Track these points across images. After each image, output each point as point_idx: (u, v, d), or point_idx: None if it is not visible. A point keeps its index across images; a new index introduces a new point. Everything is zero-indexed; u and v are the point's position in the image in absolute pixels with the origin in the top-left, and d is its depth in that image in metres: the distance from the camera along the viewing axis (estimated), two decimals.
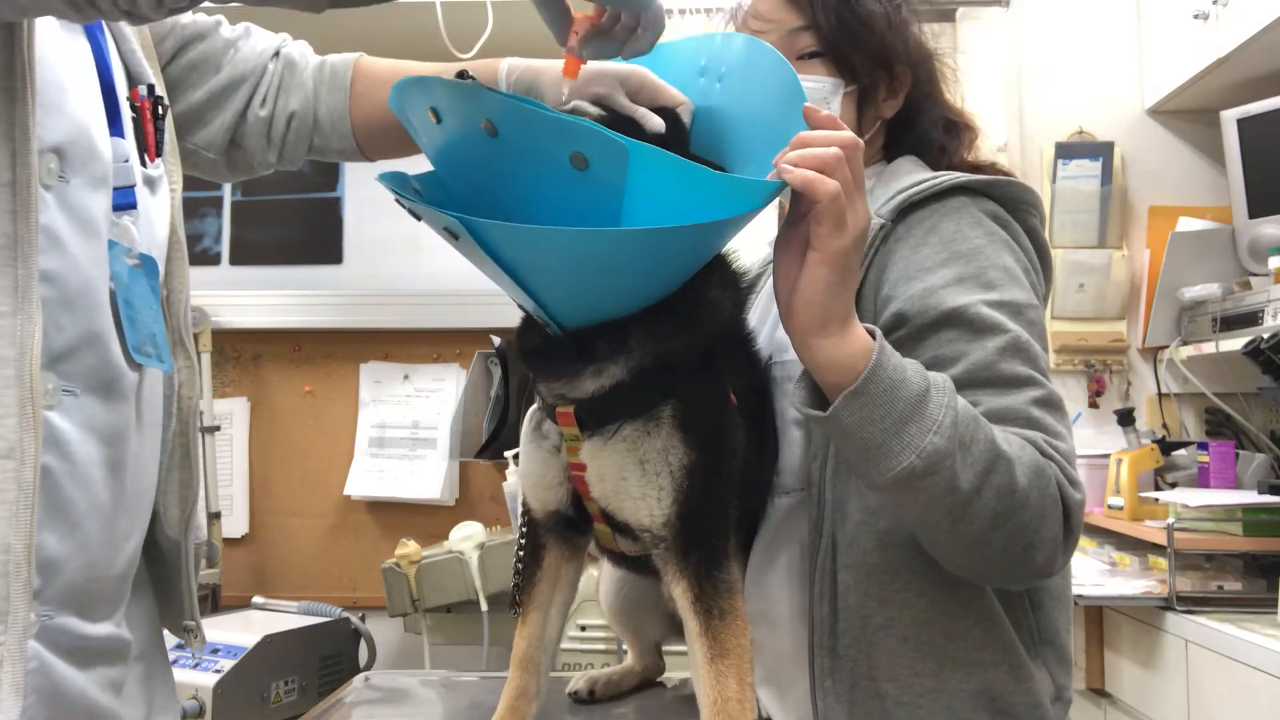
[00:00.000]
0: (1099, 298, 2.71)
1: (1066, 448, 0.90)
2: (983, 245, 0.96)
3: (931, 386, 0.83)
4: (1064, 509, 0.87)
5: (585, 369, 0.87)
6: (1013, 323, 0.93)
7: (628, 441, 0.88)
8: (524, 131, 0.77)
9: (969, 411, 0.84)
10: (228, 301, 2.91)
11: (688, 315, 0.87)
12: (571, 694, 1.18)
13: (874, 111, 1.09)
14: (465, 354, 2.90)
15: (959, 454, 0.82)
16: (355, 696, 1.28)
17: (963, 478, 0.82)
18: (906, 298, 0.95)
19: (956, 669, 0.94)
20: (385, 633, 2.71)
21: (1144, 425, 2.65)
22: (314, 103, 1.12)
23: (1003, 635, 0.95)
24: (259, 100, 1.10)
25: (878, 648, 0.95)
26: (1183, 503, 2.10)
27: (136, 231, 0.87)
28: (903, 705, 0.94)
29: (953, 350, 0.92)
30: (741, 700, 0.86)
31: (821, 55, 1.06)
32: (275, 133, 1.12)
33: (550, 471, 0.94)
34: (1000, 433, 0.86)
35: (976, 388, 0.90)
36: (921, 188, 0.99)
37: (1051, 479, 0.86)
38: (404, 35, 2.72)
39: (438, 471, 2.89)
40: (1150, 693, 2.09)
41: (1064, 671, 0.99)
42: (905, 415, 0.81)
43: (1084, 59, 2.78)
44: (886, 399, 0.82)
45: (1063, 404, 0.93)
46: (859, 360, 0.82)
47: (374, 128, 1.12)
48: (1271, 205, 2.41)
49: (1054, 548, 0.88)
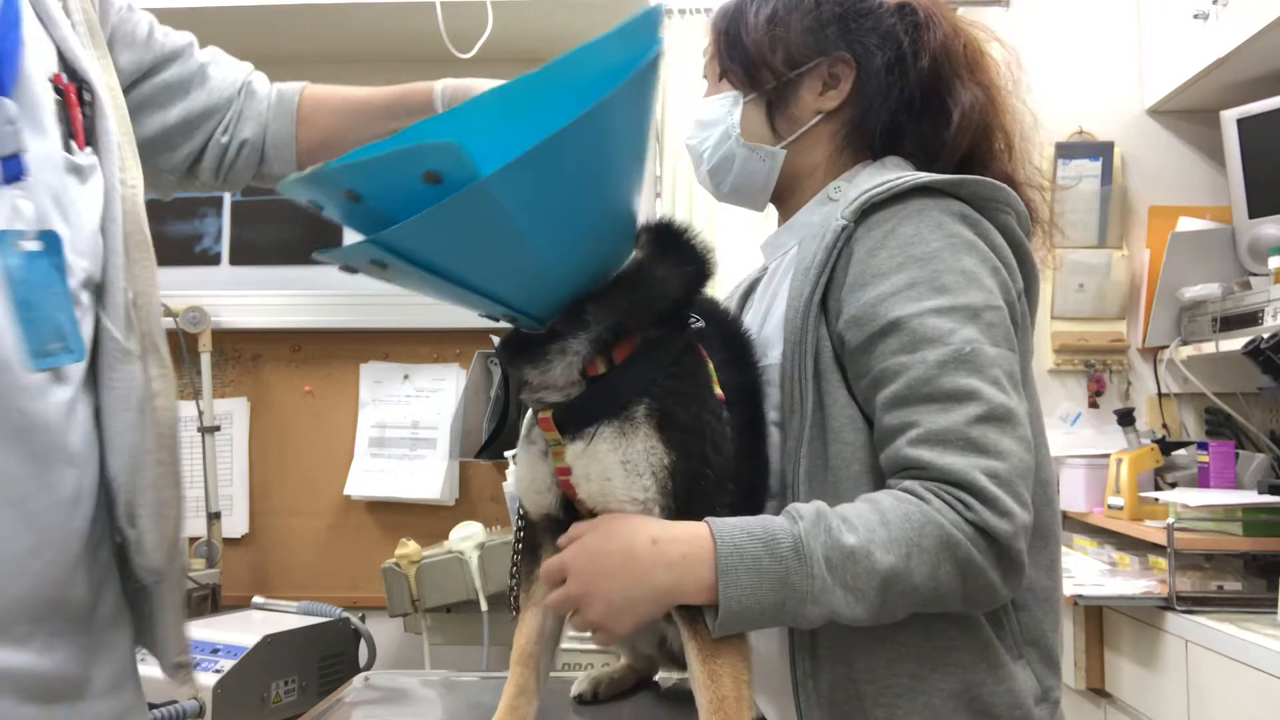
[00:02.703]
0: (1099, 298, 2.71)
1: (1006, 466, 0.88)
2: (939, 249, 0.95)
3: (790, 571, 0.86)
4: (992, 552, 0.87)
5: (551, 348, 0.89)
6: (965, 329, 0.91)
7: (607, 442, 0.89)
8: (371, 182, 0.76)
9: (840, 554, 0.86)
10: (228, 301, 2.91)
11: (634, 287, 0.90)
12: (576, 697, 1.18)
13: (796, 110, 1.09)
14: (465, 354, 2.90)
15: (844, 594, 0.86)
16: (355, 696, 1.28)
17: (859, 609, 0.87)
18: (859, 304, 0.95)
19: (934, 669, 0.94)
20: (385, 633, 2.71)
21: (1144, 425, 2.65)
22: (264, 131, 1.15)
23: (980, 634, 0.94)
24: (222, 128, 1.13)
25: (856, 648, 0.95)
26: (1183, 503, 2.10)
27: (33, 206, 0.79)
28: (881, 706, 0.94)
29: (894, 364, 0.92)
30: (738, 699, 0.86)
31: (724, 74, 1.13)
32: (227, 159, 1.14)
33: (540, 476, 0.95)
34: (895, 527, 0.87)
35: (917, 403, 0.90)
36: (883, 189, 0.98)
37: (961, 543, 0.86)
38: (404, 35, 2.73)
39: (438, 471, 2.89)
40: (1150, 693, 2.09)
41: (1050, 672, 0.99)
42: (777, 604, 0.86)
43: (1084, 59, 2.78)
44: (752, 611, 0.87)
45: (1011, 414, 0.90)
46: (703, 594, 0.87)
47: (317, 154, 1.14)
48: (1271, 205, 2.41)
49: (987, 592, 0.89)
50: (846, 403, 0.96)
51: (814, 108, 1.09)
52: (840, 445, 0.95)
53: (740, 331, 1.08)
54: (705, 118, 1.14)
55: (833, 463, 0.96)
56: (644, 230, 0.95)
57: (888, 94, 1.08)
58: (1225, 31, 2.31)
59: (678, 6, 2.86)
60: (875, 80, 1.08)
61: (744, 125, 1.11)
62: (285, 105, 1.16)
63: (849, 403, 0.96)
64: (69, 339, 0.80)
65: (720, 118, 1.12)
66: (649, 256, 0.92)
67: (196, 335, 2.84)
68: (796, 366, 0.98)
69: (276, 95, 1.17)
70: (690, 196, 2.75)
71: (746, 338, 1.08)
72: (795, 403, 0.97)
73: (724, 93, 1.13)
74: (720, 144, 1.12)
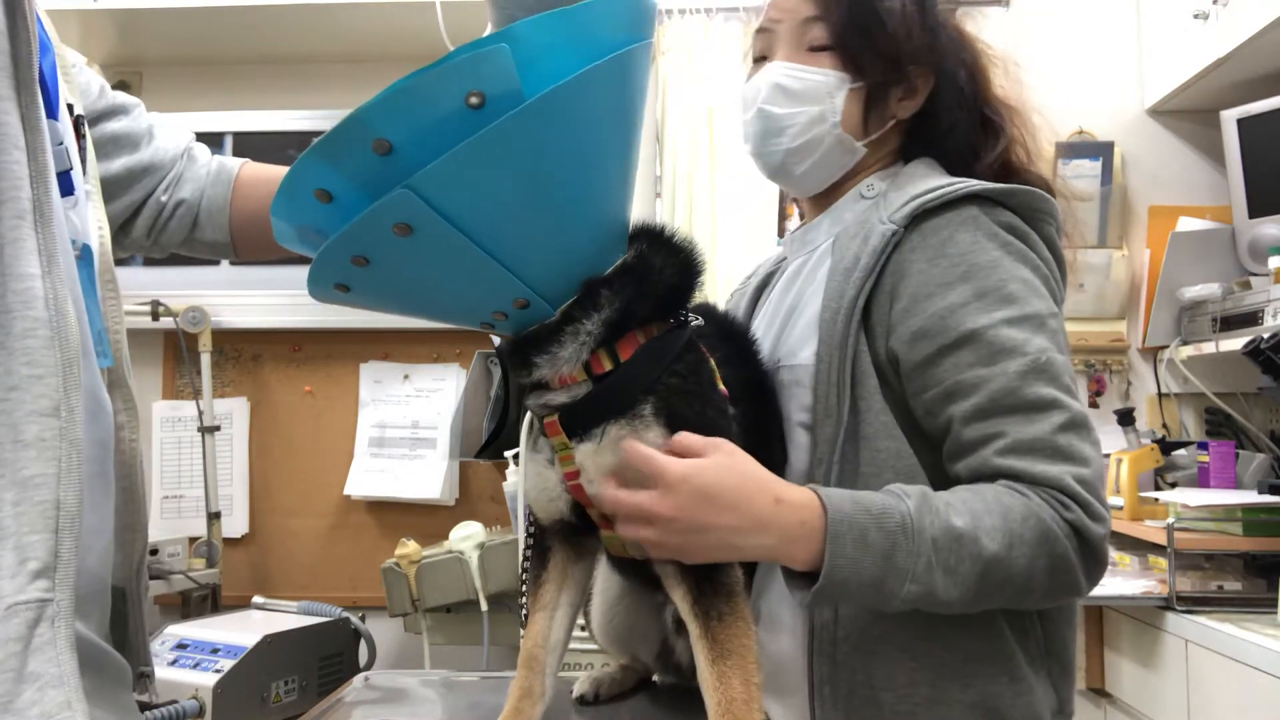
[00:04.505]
0: (1099, 297, 2.71)
1: (1092, 472, 0.90)
2: (1000, 258, 0.95)
3: (896, 547, 0.86)
4: (1081, 550, 0.89)
5: (565, 330, 0.87)
6: (1036, 338, 0.92)
7: (616, 442, 0.88)
8: (408, 120, 0.71)
9: (948, 535, 0.86)
10: (228, 301, 2.91)
11: (639, 274, 0.89)
12: (578, 698, 1.18)
13: (884, 111, 1.06)
14: (465, 354, 2.90)
15: (944, 576, 0.86)
16: (355, 696, 1.28)
17: (955, 593, 0.87)
18: (926, 315, 0.94)
19: (954, 680, 0.94)
20: (385, 633, 2.71)
21: (1144, 425, 2.65)
22: (201, 195, 1.16)
23: (1003, 647, 0.95)
24: (163, 188, 1.14)
25: (877, 657, 0.95)
26: (1183, 503, 2.10)
27: (76, 218, 0.85)
28: (899, 715, 0.94)
29: (972, 376, 0.92)
30: (748, 701, 0.86)
31: (830, 49, 1.04)
32: (161, 218, 1.15)
33: (549, 484, 0.94)
34: (998, 516, 0.87)
35: (1001, 415, 0.91)
36: (935, 195, 0.97)
37: (1059, 538, 0.88)
38: (404, 35, 2.73)
39: (438, 471, 2.89)
40: (1150, 693, 2.09)
41: (1067, 685, 0.99)
42: (877, 579, 0.86)
43: (1084, 59, 2.78)
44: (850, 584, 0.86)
45: (1088, 420, 0.92)
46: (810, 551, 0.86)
47: (249, 225, 1.16)
48: (1271, 205, 2.41)
49: (1069, 590, 0.91)
50: (882, 409, 0.96)
51: (892, 112, 1.07)
52: (873, 452, 0.96)
53: (739, 329, 1.08)
54: (796, 89, 1.05)
55: (864, 469, 0.95)
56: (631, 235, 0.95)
57: (955, 111, 1.08)
58: (1225, 31, 2.31)
59: (678, 7, 2.86)
60: (949, 96, 1.07)
61: (844, 113, 1.04)
62: (224, 175, 1.18)
63: (884, 409, 0.96)
64: (104, 344, 0.85)
65: (818, 96, 1.04)
66: (644, 249, 0.92)
67: (196, 335, 2.84)
68: (834, 370, 0.97)
69: (217, 165, 1.19)
70: (690, 196, 2.74)
71: (747, 335, 1.07)
72: (830, 406, 0.97)
73: (824, 68, 1.04)
74: (812, 125, 1.05)
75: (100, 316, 0.88)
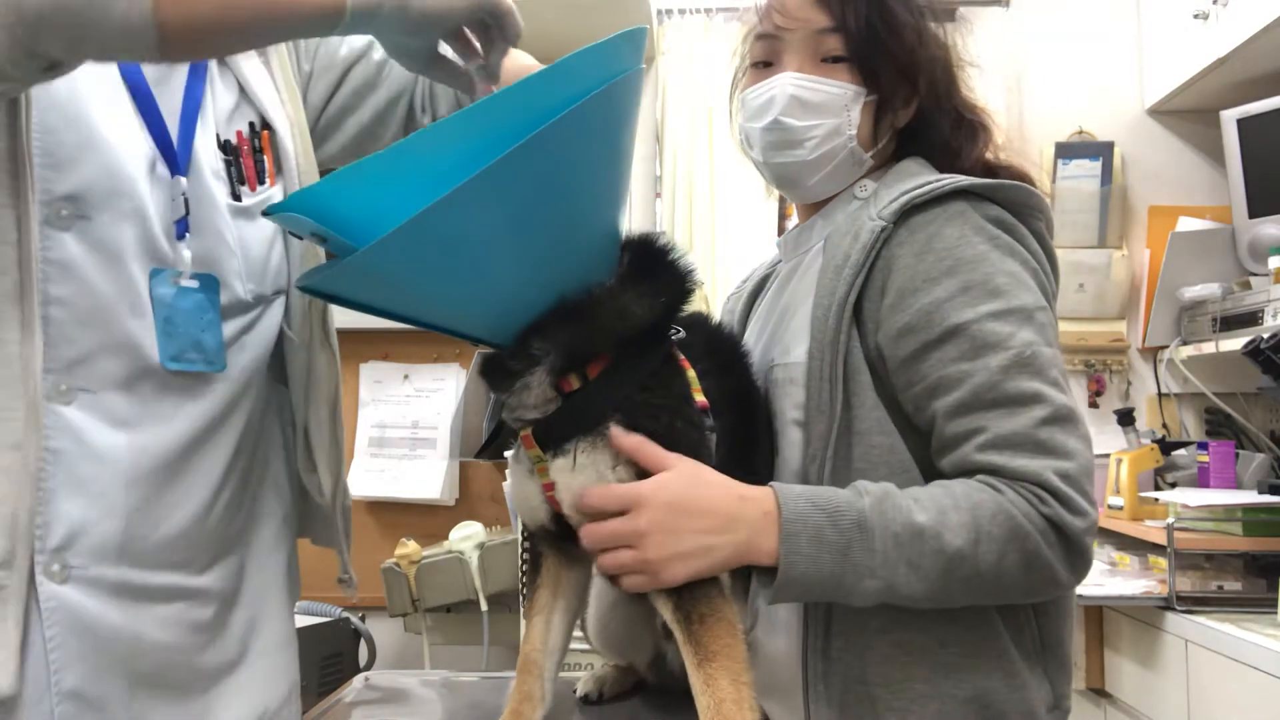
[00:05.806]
0: (1099, 298, 2.71)
1: (1075, 466, 0.89)
2: (987, 252, 0.95)
3: (851, 544, 0.87)
4: (1061, 546, 0.88)
5: (518, 370, 0.90)
6: (1022, 331, 0.92)
7: (585, 457, 0.89)
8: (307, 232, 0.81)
9: (909, 531, 0.87)
10: None
11: (593, 314, 0.89)
12: (581, 698, 1.19)
13: (890, 120, 1.06)
14: (465, 354, 2.90)
15: (906, 571, 0.87)
16: (355, 696, 1.28)
17: (919, 587, 0.88)
18: (912, 310, 0.94)
19: (949, 675, 0.94)
20: (385, 633, 2.71)
21: (1144, 425, 2.65)
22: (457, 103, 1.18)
23: (997, 642, 0.95)
24: (421, 108, 1.18)
25: (871, 652, 0.95)
26: (1183, 503, 2.10)
27: (190, 254, 0.98)
28: (894, 710, 0.94)
29: (955, 371, 0.92)
30: (738, 700, 0.86)
31: (846, 61, 1.03)
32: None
33: (529, 493, 0.96)
34: (966, 513, 0.88)
35: (982, 410, 0.90)
36: (923, 190, 0.97)
37: (1030, 534, 0.87)
38: None
39: (438, 471, 2.89)
40: (1150, 693, 2.09)
41: (1064, 680, 0.99)
42: (835, 575, 0.87)
43: (1084, 59, 2.78)
44: (809, 579, 0.88)
45: (1073, 414, 0.92)
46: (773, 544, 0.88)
47: None
48: (1271, 205, 2.41)
49: (1050, 586, 0.91)
50: (874, 405, 0.96)
51: (894, 121, 1.07)
52: (866, 448, 0.96)
53: (728, 339, 1.08)
54: (814, 101, 1.03)
55: (858, 465, 0.96)
56: (625, 247, 0.95)
57: (935, 112, 1.07)
58: (1225, 31, 2.31)
59: (678, 7, 2.86)
60: (930, 97, 1.07)
61: (859, 126, 1.04)
62: None
63: (877, 404, 0.96)
64: (209, 354, 0.99)
65: (835, 108, 1.03)
66: (617, 283, 0.91)
67: None
68: (826, 366, 0.97)
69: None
70: (690, 196, 2.74)
71: (737, 345, 1.08)
72: (822, 403, 0.97)
73: (841, 81, 1.03)
74: (830, 138, 1.04)
75: (220, 332, 1.01)
